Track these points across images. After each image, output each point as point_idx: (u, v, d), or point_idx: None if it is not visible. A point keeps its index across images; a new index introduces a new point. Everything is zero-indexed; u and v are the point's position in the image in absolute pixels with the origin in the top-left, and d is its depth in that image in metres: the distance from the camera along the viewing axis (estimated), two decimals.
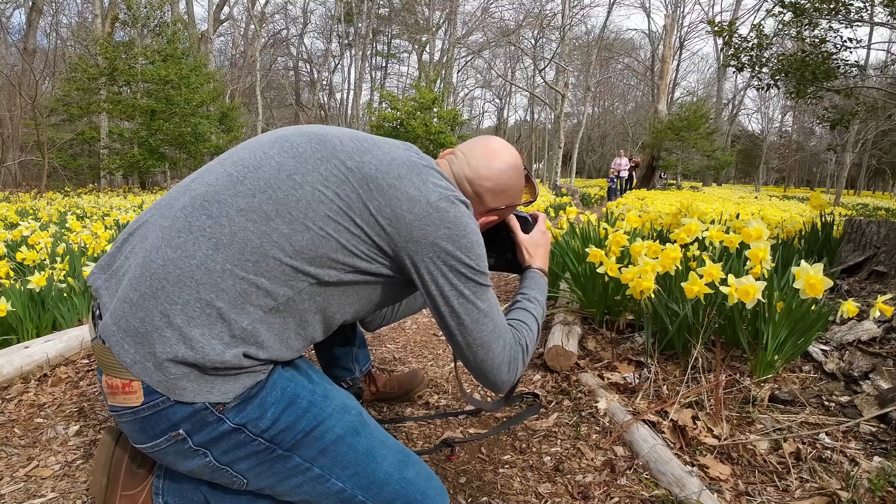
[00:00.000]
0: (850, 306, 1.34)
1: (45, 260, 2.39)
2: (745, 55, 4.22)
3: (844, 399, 1.40)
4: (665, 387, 1.52)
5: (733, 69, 4.42)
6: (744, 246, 1.59)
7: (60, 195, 10.35)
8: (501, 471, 1.24)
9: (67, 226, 3.48)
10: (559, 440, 1.36)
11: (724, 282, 1.40)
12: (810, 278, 1.28)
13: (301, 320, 0.82)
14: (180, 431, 0.75)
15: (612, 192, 12.88)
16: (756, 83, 4.52)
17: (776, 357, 1.49)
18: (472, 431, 1.42)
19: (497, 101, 37.49)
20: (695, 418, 1.34)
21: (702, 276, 1.42)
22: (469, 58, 28.03)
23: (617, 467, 1.21)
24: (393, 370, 1.87)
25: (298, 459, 0.80)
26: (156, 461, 0.90)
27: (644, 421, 1.34)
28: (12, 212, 4.92)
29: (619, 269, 1.66)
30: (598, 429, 1.39)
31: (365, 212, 0.81)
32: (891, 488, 1.06)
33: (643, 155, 17.01)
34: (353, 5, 21.28)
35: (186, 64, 13.40)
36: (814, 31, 4.02)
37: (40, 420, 1.43)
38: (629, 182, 13.56)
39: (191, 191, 0.83)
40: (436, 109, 15.92)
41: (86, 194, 10.82)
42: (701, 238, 1.94)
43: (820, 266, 1.29)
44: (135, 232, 0.85)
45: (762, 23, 4.32)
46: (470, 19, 25.80)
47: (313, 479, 0.81)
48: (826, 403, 1.39)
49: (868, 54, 17.27)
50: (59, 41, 23.20)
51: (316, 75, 30.77)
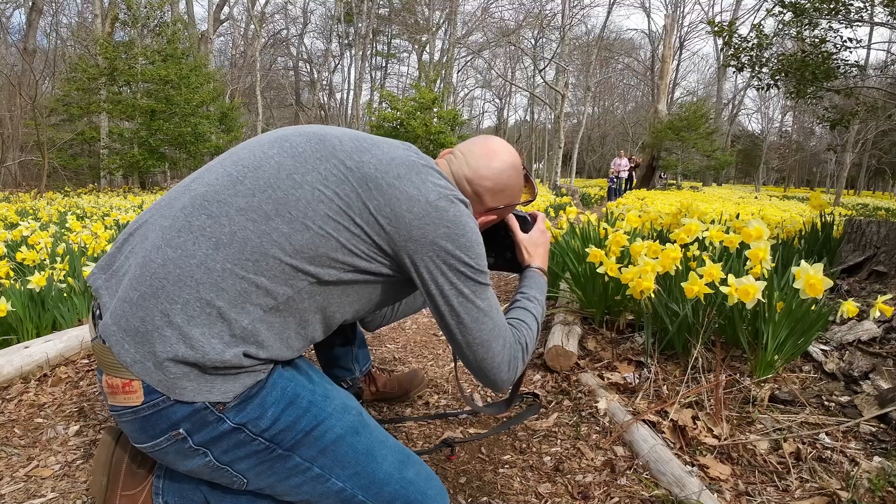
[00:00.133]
0: (850, 306, 1.34)
1: (45, 260, 2.39)
2: (745, 55, 4.22)
3: (844, 399, 1.40)
4: (665, 387, 1.52)
5: (733, 69, 4.42)
6: (744, 246, 1.59)
7: (60, 195, 10.35)
8: (501, 471, 1.24)
9: (67, 226, 3.48)
10: (559, 440, 1.36)
11: (724, 282, 1.40)
12: (810, 278, 1.28)
13: (301, 320, 0.82)
14: (180, 431, 0.75)
15: (612, 193, 12.88)
16: (756, 83, 4.51)
17: (776, 357, 1.49)
18: (472, 431, 1.42)
19: (497, 101, 37.52)
20: (695, 418, 1.34)
21: (702, 276, 1.42)
22: (469, 58, 28.06)
23: (617, 467, 1.21)
24: (393, 370, 1.87)
25: (298, 459, 0.80)
26: (156, 461, 0.90)
27: (644, 421, 1.34)
28: (12, 212, 4.92)
29: (619, 269, 1.66)
30: (598, 429, 1.39)
31: (364, 211, 0.82)
32: (891, 488, 1.06)
33: (643, 155, 17.00)
34: (353, 5, 21.28)
35: (186, 64, 13.39)
36: (814, 31, 4.03)
37: (40, 420, 1.43)
38: (629, 182, 13.56)
39: (191, 191, 0.83)
40: (436, 109, 15.91)
41: (86, 194, 10.82)
42: (701, 238, 1.94)
43: (820, 266, 1.29)
44: (135, 232, 0.85)
45: (762, 23, 4.32)
46: (470, 19, 25.83)
47: (313, 478, 0.82)
48: (826, 403, 1.39)
49: (868, 54, 17.28)
50: (59, 41, 23.23)
51: (316, 75, 30.79)
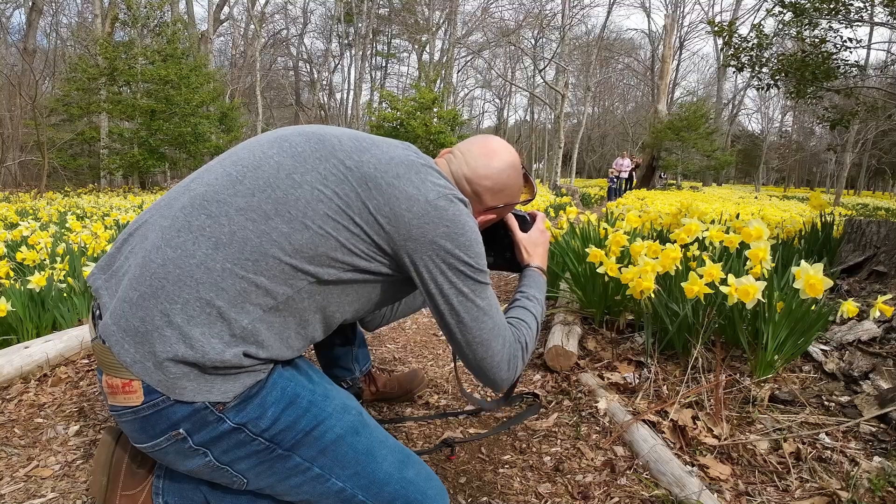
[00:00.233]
0: (850, 306, 1.34)
1: (45, 260, 2.39)
2: (745, 55, 4.22)
3: (844, 399, 1.40)
4: (665, 387, 1.52)
5: (733, 69, 4.42)
6: (744, 246, 1.59)
7: (60, 195, 10.35)
8: (501, 471, 1.24)
9: (67, 226, 3.48)
10: (559, 440, 1.36)
11: (724, 282, 1.40)
12: (810, 278, 1.28)
13: (301, 319, 0.82)
14: (180, 431, 0.75)
15: (613, 193, 12.88)
16: (756, 83, 4.51)
17: (776, 357, 1.49)
18: (472, 431, 1.42)
19: (497, 101, 37.51)
20: (695, 418, 1.34)
21: (702, 276, 1.42)
22: (469, 58, 28.05)
23: (617, 467, 1.21)
24: (393, 370, 1.87)
25: (298, 459, 0.80)
26: (156, 461, 0.90)
27: (644, 421, 1.34)
28: (12, 212, 4.92)
29: (619, 269, 1.66)
30: (598, 429, 1.39)
31: (364, 210, 0.82)
32: (891, 488, 1.06)
33: (643, 155, 17.01)
34: (353, 5, 21.28)
35: (186, 64, 13.39)
36: (814, 31, 4.03)
37: (40, 420, 1.43)
38: (629, 182, 13.56)
39: (190, 191, 0.83)
40: (436, 109, 15.92)
41: (86, 194, 10.82)
42: (701, 238, 1.94)
43: (820, 266, 1.29)
44: (134, 232, 0.85)
45: (762, 23, 4.33)
46: (470, 19, 25.83)
47: (313, 478, 0.81)
48: (826, 403, 1.39)
49: (868, 54, 17.28)
50: (59, 41, 23.23)
51: (316, 75, 30.79)
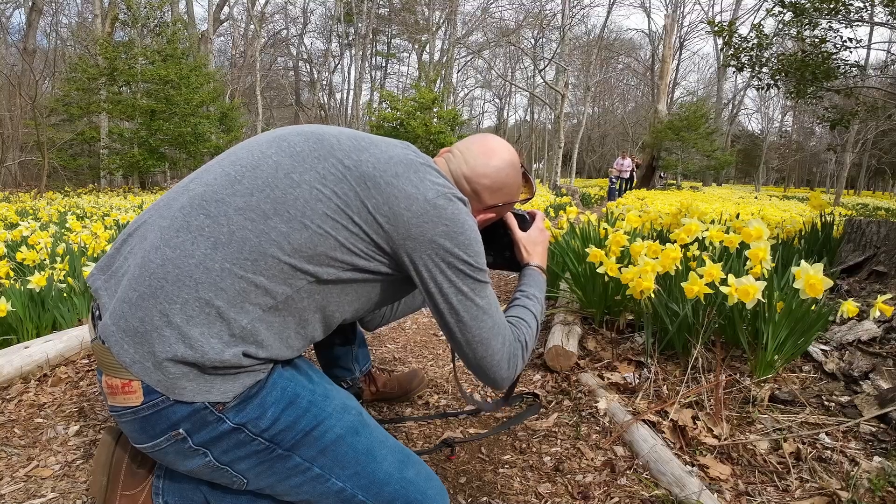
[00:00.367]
0: (850, 306, 1.34)
1: (45, 260, 2.39)
2: (745, 55, 4.22)
3: (844, 399, 1.40)
4: (665, 387, 1.52)
5: (733, 69, 4.42)
6: (744, 246, 1.59)
7: (60, 195, 10.35)
8: (501, 471, 1.24)
9: (67, 226, 3.48)
10: (559, 440, 1.36)
11: (724, 282, 1.40)
12: (810, 278, 1.28)
13: (300, 319, 0.82)
14: (180, 431, 0.75)
15: (613, 193, 12.88)
16: (756, 83, 4.51)
17: (776, 357, 1.49)
18: (472, 431, 1.42)
19: (497, 101, 37.49)
20: (695, 418, 1.34)
21: (702, 276, 1.42)
22: (469, 58, 28.03)
23: (617, 467, 1.21)
24: (393, 370, 1.87)
25: (298, 459, 0.80)
26: (156, 461, 0.90)
27: (644, 421, 1.34)
28: (12, 212, 4.92)
29: (619, 269, 1.66)
30: (598, 429, 1.39)
31: (363, 210, 0.82)
32: (891, 488, 1.06)
33: (643, 155, 17.01)
34: (353, 5, 21.28)
35: (186, 64, 13.39)
36: (814, 31, 4.02)
37: (40, 420, 1.43)
38: (629, 182, 13.56)
39: (189, 191, 0.83)
40: (436, 109, 15.92)
41: (86, 194, 10.82)
42: (701, 238, 1.93)
43: (820, 266, 1.29)
44: (134, 233, 0.85)
45: (762, 23, 4.32)
46: (470, 19, 25.81)
47: (313, 478, 0.81)
48: (826, 403, 1.39)
49: (868, 54, 17.28)
50: (59, 41, 23.23)
51: (316, 75, 30.78)
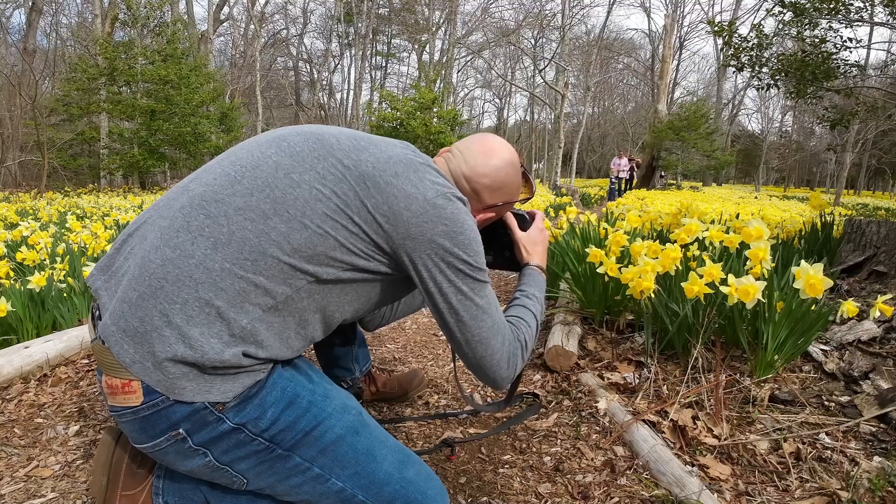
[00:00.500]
0: (850, 306, 1.34)
1: (45, 260, 2.38)
2: (745, 55, 4.22)
3: (844, 399, 1.40)
4: (665, 387, 1.52)
5: (733, 69, 4.42)
6: (744, 246, 1.59)
7: (60, 195, 10.35)
8: (501, 471, 1.24)
9: (67, 226, 3.48)
10: (559, 440, 1.36)
11: (724, 282, 1.39)
12: (810, 278, 1.28)
13: (300, 319, 0.82)
14: (180, 431, 0.75)
15: (613, 193, 12.88)
16: (756, 83, 4.51)
17: (776, 357, 1.49)
18: (472, 431, 1.42)
19: (497, 101, 37.49)
20: (695, 418, 1.34)
21: (702, 276, 1.42)
22: (469, 58, 28.01)
23: (617, 467, 1.21)
24: (393, 370, 1.87)
25: (298, 459, 0.80)
26: (156, 461, 0.90)
27: (644, 421, 1.34)
28: (12, 212, 4.92)
29: (619, 269, 1.66)
30: (598, 429, 1.39)
31: (362, 209, 0.82)
32: (891, 488, 1.06)
33: (643, 155, 17.00)
34: (353, 5, 21.28)
35: (186, 64, 13.39)
36: (814, 30, 4.02)
37: (40, 420, 1.43)
38: (630, 182, 13.56)
39: (189, 191, 0.83)
40: (436, 109, 15.92)
41: (86, 194, 10.82)
42: (701, 238, 1.93)
43: (820, 266, 1.29)
44: (134, 233, 0.85)
45: (762, 23, 4.32)
46: (470, 19, 25.82)
47: (313, 478, 0.81)
48: (826, 403, 1.39)
49: (868, 54, 17.27)
50: (59, 41, 23.24)
51: (316, 75, 30.77)
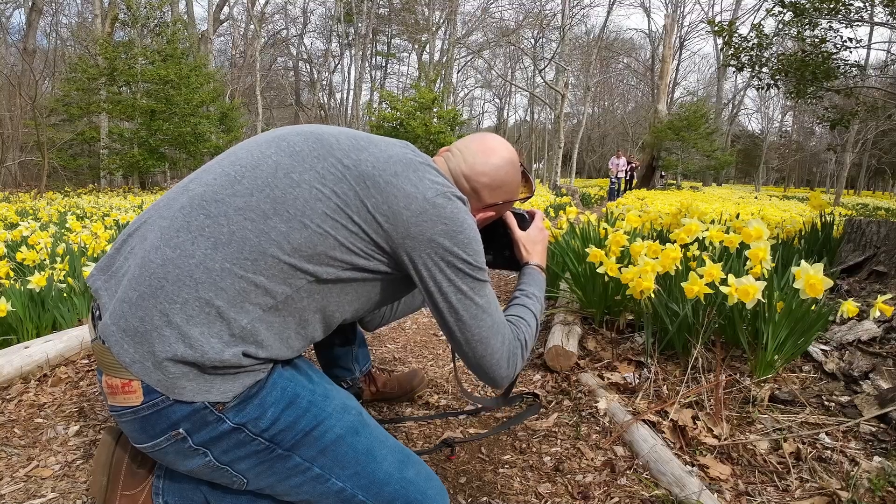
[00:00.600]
0: (850, 306, 1.34)
1: (45, 260, 2.38)
2: (745, 55, 4.22)
3: (844, 399, 1.40)
4: (665, 387, 1.52)
5: (733, 69, 4.42)
6: (744, 246, 1.59)
7: (60, 195, 10.35)
8: (501, 471, 1.24)
9: (67, 226, 3.48)
10: (559, 440, 1.36)
11: (724, 282, 1.39)
12: (810, 278, 1.28)
13: (300, 319, 0.82)
14: (180, 431, 0.75)
15: (613, 193, 12.88)
16: (756, 83, 4.51)
17: (776, 357, 1.49)
18: (472, 431, 1.42)
19: (497, 101, 37.48)
20: (695, 418, 1.34)
21: (702, 276, 1.42)
22: (469, 58, 27.99)
23: (617, 467, 1.21)
24: (393, 370, 1.87)
25: (298, 459, 0.80)
26: (156, 461, 0.90)
27: (644, 421, 1.34)
28: (12, 212, 4.92)
29: (619, 269, 1.66)
30: (598, 429, 1.39)
31: (362, 209, 0.82)
32: (891, 488, 1.06)
33: (643, 155, 17.01)
34: (353, 5, 21.28)
35: (186, 64, 13.39)
36: (814, 30, 4.02)
37: (40, 420, 1.43)
38: (629, 182, 13.56)
39: (189, 191, 0.83)
40: (435, 109, 15.92)
41: (86, 194, 10.82)
42: (701, 238, 1.93)
43: (820, 266, 1.29)
44: (134, 233, 0.85)
45: (762, 23, 4.32)
46: (470, 19, 25.82)
47: (313, 478, 0.81)
48: (826, 403, 1.39)
49: (868, 54, 17.27)
50: (59, 41, 23.25)
51: (316, 75, 30.77)
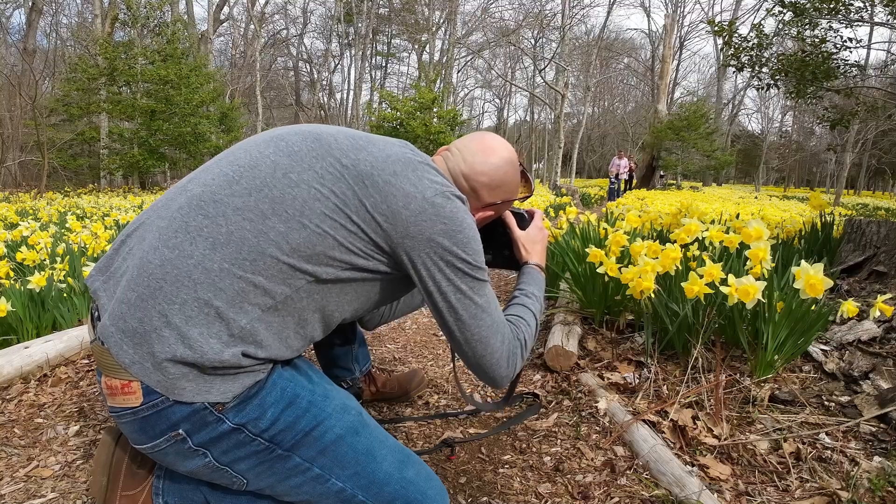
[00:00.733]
0: (850, 306, 1.34)
1: (45, 260, 2.39)
2: (745, 55, 4.21)
3: (844, 399, 1.39)
4: (665, 387, 1.52)
5: (733, 69, 4.42)
6: (744, 246, 1.59)
7: (60, 195, 10.35)
8: (501, 471, 1.24)
9: (67, 226, 3.48)
10: (559, 440, 1.36)
11: (724, 282, 1.39)
12: (810, 278, 1.28)
13: (300, 319, 0.82)
14: (180, 431, 0.75)
15: (613, 193, 12.88)
16: (756, 83, 4.51)
17: (776, 357, 1.49)
18: (472, 431, 1.42)
19: (497, 101, 37.49)
20: (695, 418, 1.34)
21: (702, 276, 1.42)
22: (469, 58, 27.98)
23: (617, 467, 1.21)
24: (393, 370, 1.87)
25: (298, 459, 0.80)
26: (156, 461, 0.90)
27: (644, 421, 1.34)
28: (12, 212, 4.92)
29: (619, 269, 1.66)
30: (598, 429, 1.39)
31: (361, 209, 0.81)
32: (891, 488, 1.06)
33: (643, 155, 17.02)
34: (353, 5, 21.28)
35: (186, 64, 13.40)
36: (814, 30, 4.02)
37: (40, 420, 1.43)
38: (629, 182, 13.56)
39: (187, 191, 0.83)
40: (435, 109, 15.92)
41: (86, 194, 10.82)
42: (701, 238, 1.93)
43: (820, 266, 1.29)
44: (132, 233, 0.85)
45: (762, 23, 4.32)
46: (470, 19, 25.81)
47: (313, 479, 0.81)
48: (826, 403, 1.39)
49: (868, 54, 17.27)
50: (59, 41, 23.25)
51: (316, 75, 30.77)
